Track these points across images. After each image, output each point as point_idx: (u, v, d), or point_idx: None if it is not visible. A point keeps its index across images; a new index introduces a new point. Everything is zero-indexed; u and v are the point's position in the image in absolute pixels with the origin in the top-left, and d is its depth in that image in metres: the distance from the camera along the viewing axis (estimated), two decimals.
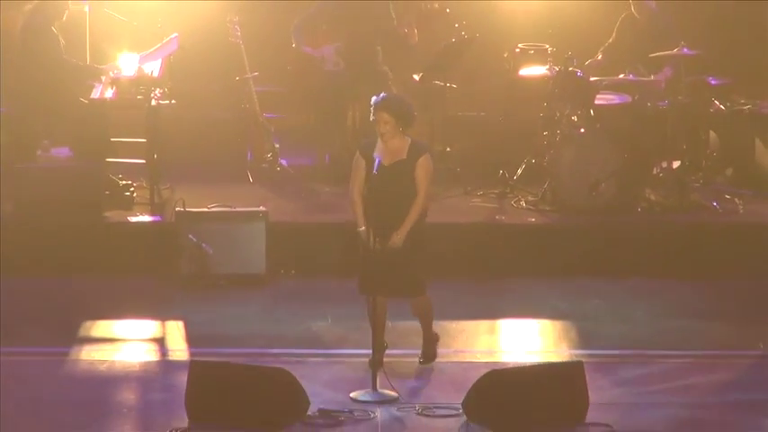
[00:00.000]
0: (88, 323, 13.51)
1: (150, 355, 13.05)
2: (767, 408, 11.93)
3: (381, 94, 12.28)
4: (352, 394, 11.91)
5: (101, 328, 13.49)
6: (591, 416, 11.57)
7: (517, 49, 16.06)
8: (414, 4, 16.00)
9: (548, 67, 15.64)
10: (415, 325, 13.19)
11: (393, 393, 11.89)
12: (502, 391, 11.67)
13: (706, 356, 12.93)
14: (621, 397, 12.06)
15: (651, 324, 13.59)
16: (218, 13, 16.18)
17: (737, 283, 14.34)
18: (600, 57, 16.01)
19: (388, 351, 12.42)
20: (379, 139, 12.10)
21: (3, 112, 15.31)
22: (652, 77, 15.63)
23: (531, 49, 15.94)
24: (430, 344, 12.65)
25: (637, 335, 13.34)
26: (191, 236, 14.22)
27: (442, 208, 14.98)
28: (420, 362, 12.61)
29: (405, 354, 12.74)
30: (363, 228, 12.06)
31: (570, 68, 15.38)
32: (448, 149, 16.03)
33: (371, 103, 12.19)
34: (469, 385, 11.73)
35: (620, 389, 12.23)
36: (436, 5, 15.91)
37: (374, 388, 11.93)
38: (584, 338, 13.29)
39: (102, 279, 14.31)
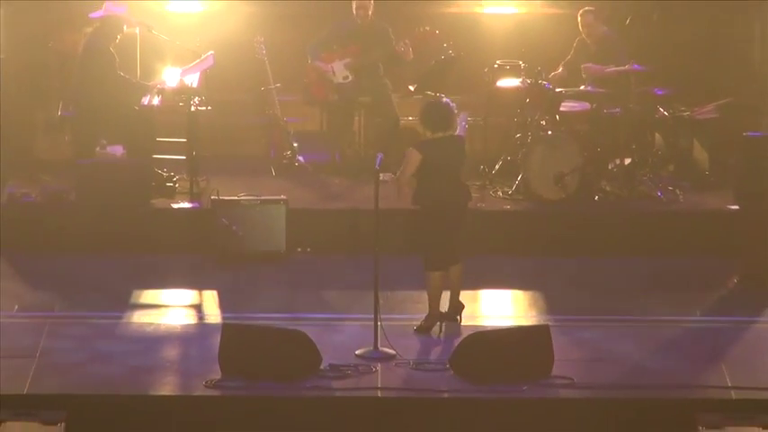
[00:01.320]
0: (137, 292, 13.54)
1: (189, 318, 13.08)
2: (698, 360, 11.97)
3: None
4: (357, 351, 11.93)
5: (148, 296, 13.52)
6: (555, 370, 11.60)
7: (495, 65, 16.03)
8: (409, 27, 15.97)
9: (521, 80, 15.65)
10: (409, 294, 13.25)
11: (391, 351, 11.90)
12: (482, 349, 11.70)
13: (650, 321, 12.95)
14: (581, 354, 12.08)
15: (606, 294, 13.60)
16: (247, 34, 16.16)
17: (678, 260, 14.33)
18: (561, 70, 15.99)
19: (386, 315, 12.35)
20: None
21: (69, 117, 15.27)
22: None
23: (507, 65, 15.92)
24: (427, 318, 12.65)
25: (594, 303, 13.35)
26: (223, 219, 14.22)
27: None
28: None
29: (401, 318, 12.76)
30: None
31: (539, 81, 15.39)
32: None
33: None
34: (455, 345, 11.77)
35: (580, 348, 12.25)
36: (428, 28, 15.87)
37: (375, 346, 11.94)
38: (549, 306, 13.31)
39: (149, 255, 14.33)
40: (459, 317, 12.77)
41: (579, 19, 15.84)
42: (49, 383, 11.49)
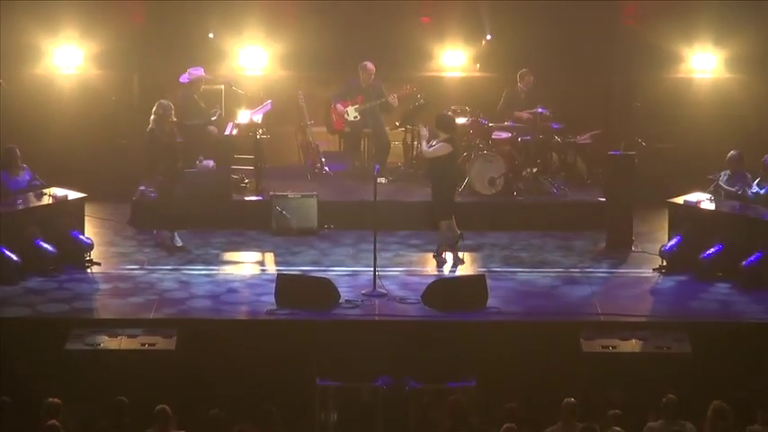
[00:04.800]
0: (221, 254, 13.51)
1: (255, 270, 13.07)
2: (579, 296, 11.96)
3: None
4: (362, 291, 11.98)
5: (228, 257, 13.48)
6: (489, 303, 11.64)
7: (451, 109, 15.93)
8: (396, 85, 15.92)
9: (467, 118, 15.54)
10: (396, 254, 13.23)
11: (384, 291, 11.94)
12: (441, 290, 11.76)
13: (549, 271, 12.94)
14: (505, 294, 12.10)
15: (521, 254, 13.57)
16: (292, 89, 16.09)
17: (567, 233, 14.21)
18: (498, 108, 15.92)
19: (381, 269, 12.32)
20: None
21: (179, 142, 15.14)
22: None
23: (458, 109, 15.78)
24: (438, 249, 13.22)
25: (513, 260, 13.34)
26: (277, 207, 14.21)
27: (414, 193, 14.99)
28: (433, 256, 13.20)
29: (391, 270, 12.76)
30: None
31: (479, 119, 15.33)
32: (414, 162, 15.97)
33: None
34: (425, 287, 11.81)
35: (505, 289, 12.26)
36: (408, 86, 15.81)
37: (374, 289, 11.96)
38: (484, 262, 13.29)
39: (229, 231, 14.23)
40: (461, 240, 13.07)
41: (522, 76, 15.60)
42: (166, 311, 11.54)
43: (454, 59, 16.88)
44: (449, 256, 13.17)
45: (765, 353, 10.90)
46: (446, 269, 12.95)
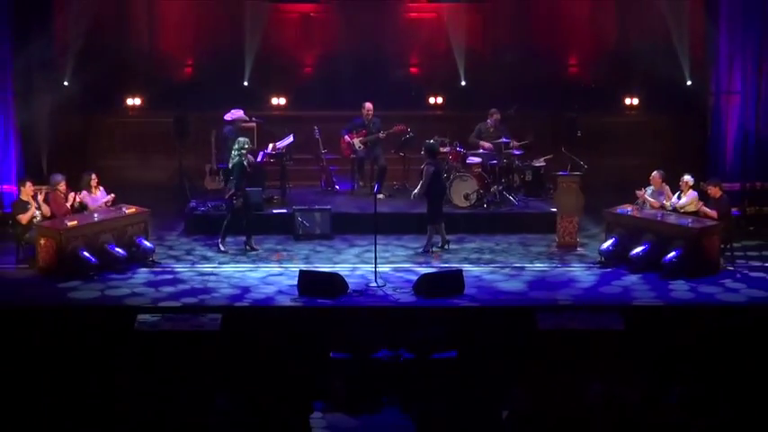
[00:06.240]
0: (254, 254, 13.44)
1: (282, 267, 13.01)
2: (534, 284, 11.92)
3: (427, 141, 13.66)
4: (366, 283, 11.91)
5: (260, 255, 13.42)
6: (465, 292, 11.60)
7: (434, 138, 15.87)
8: (390, 122, 15.91)
9: (447, 147, 15.52)
10: (394, 254, 13.17)
11: (383, 283, 11.91)
12: (428, 282, 11.74)
13: (511, 266, 12.92)
14: (477, 285, 12.08)
15: (489, 253, 13.56)
16: (309, 124, 16.12)
17: (526, 235, 14.19)
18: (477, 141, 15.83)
19: (380, 264, 12.31)
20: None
21: (220, 168, 15.10)
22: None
23: (440, 140, 15.80)
24: (425, 246, 13.25)
25: (484, 257, 13.33)
26: (299, 218, 14.20)
27: (407, 207, 14.98)
28: (420, 252, 13.23)
29: (389, 266, 12.73)
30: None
31: (456, 147, 15.33)
32: (405, 183, 15.99)
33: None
34: (415, 280, 11.78)
35: (478, 281, 12.24)
36: (399, 124, 15.82)
37: (375, 281, 11.94)
38: (461, 260, 13.27)
39: (263, 236, 14.19)
40: (447, 246, 13.22)
41: (491, 114, 15.53)
42: (211, 300, 11.53)
43: (436, 101, 16.96)
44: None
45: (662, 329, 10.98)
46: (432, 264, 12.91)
